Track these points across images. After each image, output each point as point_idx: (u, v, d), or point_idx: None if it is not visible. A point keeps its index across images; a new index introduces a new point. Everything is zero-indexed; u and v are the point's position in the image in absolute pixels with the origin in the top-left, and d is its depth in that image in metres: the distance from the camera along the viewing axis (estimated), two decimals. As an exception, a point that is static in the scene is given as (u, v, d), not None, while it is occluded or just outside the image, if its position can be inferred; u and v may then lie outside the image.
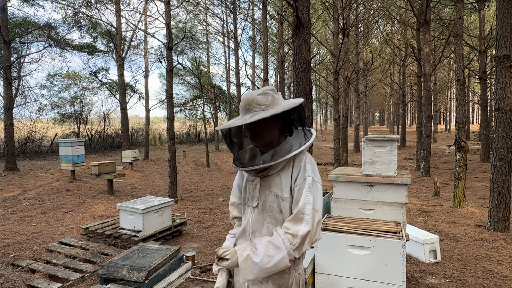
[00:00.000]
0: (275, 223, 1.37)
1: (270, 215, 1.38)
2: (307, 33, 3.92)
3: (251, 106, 1.33)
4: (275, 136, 1.39)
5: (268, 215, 1.38)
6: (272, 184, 1.38)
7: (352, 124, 33.38)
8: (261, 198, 1.40)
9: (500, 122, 4.70)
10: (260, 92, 1.35)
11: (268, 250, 1.26)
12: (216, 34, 21.33)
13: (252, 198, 1.44)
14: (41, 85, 18.71)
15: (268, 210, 1.38)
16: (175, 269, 3.02)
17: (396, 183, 2.98)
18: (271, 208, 1.37)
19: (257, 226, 1.40)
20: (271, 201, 1.38)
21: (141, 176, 10.88)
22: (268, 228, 1.37)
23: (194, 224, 5.49)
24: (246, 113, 1.33)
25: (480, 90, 13.89)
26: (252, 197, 1.44)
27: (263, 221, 1.39)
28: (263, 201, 1.40)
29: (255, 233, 1.40)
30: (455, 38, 6.45)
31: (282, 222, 1.35)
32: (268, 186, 1.39)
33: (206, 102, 21.02)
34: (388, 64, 20.38)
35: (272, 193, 1.38)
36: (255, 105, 1.33)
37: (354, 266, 2.46)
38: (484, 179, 9.22)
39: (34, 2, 14.42)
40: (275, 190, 1.37)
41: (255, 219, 1.41)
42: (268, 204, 1.38)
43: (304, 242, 1.28)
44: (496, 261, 3.70)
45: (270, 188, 1.38)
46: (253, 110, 1.33)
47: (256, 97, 1.33)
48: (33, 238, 4.70)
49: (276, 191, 1.37)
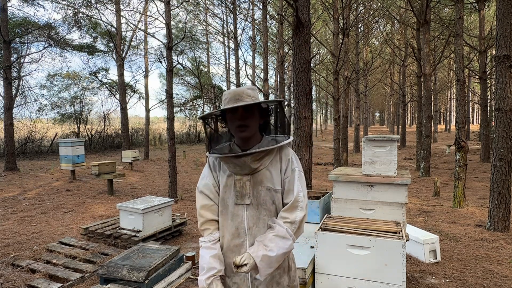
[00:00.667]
0: (269, 215, 1.45)
1: (265, 208, 1.44)
2: (307, 33, 3.92)
3: (242, 97, 1.39)
4: (257, 130, 1.46)
5: (263, 208, 1.44)
6: (263, 178, 1.44)
7: (352, 124, 33.37)
8: (254, 194, 1.43)
9: (500, 122, 4.70)
10: (248, 87, 1.44)
11: (278, 243, 1.35)
12: (216, 34, 21.32)
13: (243, 196, 1.44)
14: (41, 85, 18.73)
15: (262, 204, 1.44)
16: (175, 269, 3.02)
17: (396, 183, 2.97)
18: (265, 201, 1.44)
19: (253, 221, 1.44)
20: (264, 195, 1.43)
21: (141, 176, 10.88)
22: (264, 221, 1.44)
23: (194, 224, 5.49)
24: (237, 103, 1.37)
25: (480, 90, 13.89)
26: (243, 195, 1.44)
27: (258, 215, 1.44)
28: (256, 196, 1.43)
29: (252, 229, 1.43)
30: (455, 38, 6.45)
31: (275, 212, 1.45)
32: (259, 181, 1.43)
33: (206, 102, 21.04)
34: (388, 64, 20.38)
35: (264, 187, 1.43)
36: (246, 96, 1.39)
37: (354, 266, 2.46)
38: (484, 179, 9.22)
39: (34, 2, 14.43)
40: (267, 184, 1.44)
41: (250, 215, 1.44)
42: (262, 198, 1.43)
43: (301, 226, 1.42)
44: (496, 261, 3.70)
45: (262, 183, 1.43)
46: (244, 100, 1.38)
47: (246, 90, 1.42)
48: (33, 238, 4.70)
49: (268, 185, 1.44)
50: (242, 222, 1.44)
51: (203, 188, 1.50)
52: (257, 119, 1.44)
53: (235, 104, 1.36)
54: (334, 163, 10.52)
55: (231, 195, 1.46)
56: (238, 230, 1.44)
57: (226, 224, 1.47)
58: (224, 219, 1.48)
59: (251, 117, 1.40)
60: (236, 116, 1.40)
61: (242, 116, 1.39)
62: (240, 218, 1.44)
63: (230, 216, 1.46)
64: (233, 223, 1.45)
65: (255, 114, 1.42)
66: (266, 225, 1.42)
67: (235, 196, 1.45)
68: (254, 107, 1.42)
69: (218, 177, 1.50)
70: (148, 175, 11.19)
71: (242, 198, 1.44)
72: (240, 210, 1.45)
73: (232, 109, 1.39)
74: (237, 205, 1.45)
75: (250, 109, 1.40)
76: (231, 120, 1.43)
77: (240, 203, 1.44)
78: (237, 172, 1.43)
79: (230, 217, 1.46)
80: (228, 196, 1.47)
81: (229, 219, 1.46)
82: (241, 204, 1.44)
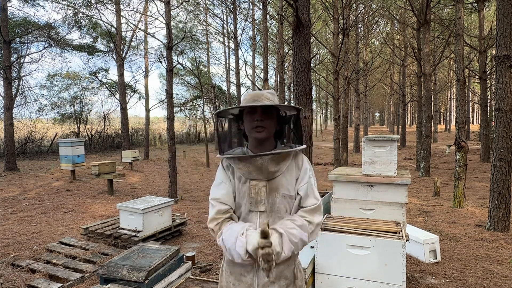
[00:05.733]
0: None
1: (278, 216, 1.40)
2: (307, 33, 3.92)
3: (261, 98, 1.37)
4: (272, 134, 1.43)
5: (276, 216, 1.40)
6: (279, 185, 1.40)
7: (352, 124, 33.36)
8: (269, 201, 1.39)
9: (500, 122, 4.70)
10: (269, 91, 1.41)
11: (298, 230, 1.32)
12: (216, 34, 21.34)
13: (257, 203, 1.39)
14: (41, 85, 18.75)
15: (276, 212, 1.39)
16: (175, 269, 3.02)
17: (396, 183, 2.98)
18: (279, 209, 1.40)
19: None
20: (279, 203, 1.39)
21: (141, 176, 10.88)
22: None
23: (194, 224, 5.49)
24: (255, 103, 1.35)
25: (480, 90, 13.88)
26: (257, 202, 1.39)
27: (272, 223, 1.39)
28: (271, 203, 1.39)
29: None
30: (455, 38, 6.45)
31: None
32: (275, 188, 1.39)
33: (206, 102, 21.04)
34: (388, 64, 20.39)
35: (280, 194, 1.39)
36: (265, 99, 1.37)
37: (354, 266, 2.46)
38: (484, 179, 9.22)
39: (34, 2, 14.44)
40: (283, 191, 1.40)
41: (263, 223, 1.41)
42: (276, 206, 1.39)
43: (316, 230, 1.40)
44: (496, 261, 3.70)
45: (278, 189, 1.39)
46: (263, 102, 1.36)
47: (266, 93, 1.40)
48: (33, 238, 4.70)
49: (284, 192, 1.40)
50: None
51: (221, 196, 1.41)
52: (275, 123, 1.41)
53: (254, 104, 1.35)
54: (334, 163, 10.52)
55: (245, 202, 1.40)
56: None
57: None
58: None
59: (269, 119, 1.37)
60: (254, 116, 1.36)
61: (260, 117, 1.36)
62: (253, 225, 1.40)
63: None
64: None
65: (274, 117, 1.40)
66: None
67: (249, 203, 1.40)
68: (274, 111, 1.40)
69: (234, 182, 1.43)
70: (148, 175, 11.18)
71: (257, 204, 1.39)
72: (254, 217, 1.40)
73: (251, 109, 1.37)
74: (250, 211, 1.40)
75: (269, 111, 1.37)
76: (248, 120, 1.38)
77: (254, 210, 1.39)
78: (253, 177, 1.38)
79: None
80: (242, 203, 1.41)
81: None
82: (255, 211, 1.40)
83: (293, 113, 1.48)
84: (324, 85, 27.70)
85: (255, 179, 1.39)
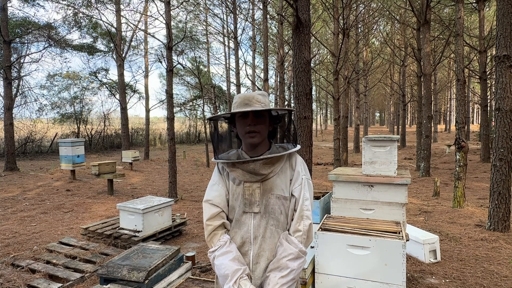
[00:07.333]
0: (277, 225, 1.41)
1: (272, 217, 1.40)
2: (307, 33, 3.91)
3: (251, 102, 1.36)
4: (266, 136, 1.43)
5: (271, 218, 1.39)
6: (273, 186, 1.40)
7: (352, 124, 33.36)
8: (263, 202, 1.39)
9: (500, 122, 4.70)
10: (259, 93, 1.40)
11: (292, 265, 1.35)
12: (216, 34, 21.30)
13: (252, 204, 1.39)
14: (41, 85, 18.74)
15: (270, 213, 1.39)
16: (175, 269, 3.02)
17: (396, 183, 2.97)
18: (274, 210, 1.40)
19: (260, 230, 1.39)
20: (274, 204, 1.39)
21: (141, 176, 10.88)
22: (271, 231, 1.39)
23: (194, 224, 5.50)
24: (246, 107, 1.35)
25: (480, 90, 13.88)
26: (251, 203, 1.39)
27: (265, 225, 1.39)
28: (265, 204, 1.39)
29: (257, 238, 1.39)
30: (455, 38, 6.45)
31: (283, 221, 1.42)
32: (269, 189, 1.40)
33: (206, 102, 21.03)
34: (388, 64, 20.38)
35: (274, 195, 1.39)
36: (255, 102, 1.36)
37: (354, 266, 2.46)
38: (484, 179, 9.22)
39: (34, 2, 14.44)
40: (277, 192, 1.40)
41: (256, 224, 1.39)
42: (270, 207, 1.39)
43: (310, 235, 1.40)
44: (496, 261, 3.70)
45: (272, 190, 1.40)
46: (253, 105, 1.35)
47: (256, 95, 1.38)
48: (33, 238, 4.70)
49: (278, 192, 1.40)
50: (248, 231, 1.40)
51: (213, 198, 1.44)
52: (267, 125, 1.41)
53: (245, 108, 1.33)
54: (334, 163, 10.52)
55: (239, 203, 1.41)
56: (243, 239, 1.40)
57: (232, 232, 1.43)
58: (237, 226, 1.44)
59: (261, 122, 1.37)
60: (246, 121, 1.36)
61: (252, 122, 1.35)
62: (247, 227, 1.40)
63: (236, 224, 1.43)
64: (239, 232, 1.41)
65: (266, 120, 1.40)
66: (272, 235, 1.39)
67: (243, 204, 1.40)
68: (265, 113, 1.39)
69: (228, 184, 1.45)
70: (148, 175, 11.18)
71: (251, 206, 1.39)
72: (248, 219, 1.40)
73: (243, 114, 1.36)
74: (244, 213, 1.41)
75: (261, 114, 1.37)
76: (240, 125, 1.39)
77: (248, 211, 1.40)
78: (247, 179, 1.39)
79: (237, 225, 1.42)
80: (236, 204, 1.42)
81: (235, 228, 1.43)
82: (249, 213, 1.40)
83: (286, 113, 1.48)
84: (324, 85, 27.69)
85: (249, 181, 1.40)
